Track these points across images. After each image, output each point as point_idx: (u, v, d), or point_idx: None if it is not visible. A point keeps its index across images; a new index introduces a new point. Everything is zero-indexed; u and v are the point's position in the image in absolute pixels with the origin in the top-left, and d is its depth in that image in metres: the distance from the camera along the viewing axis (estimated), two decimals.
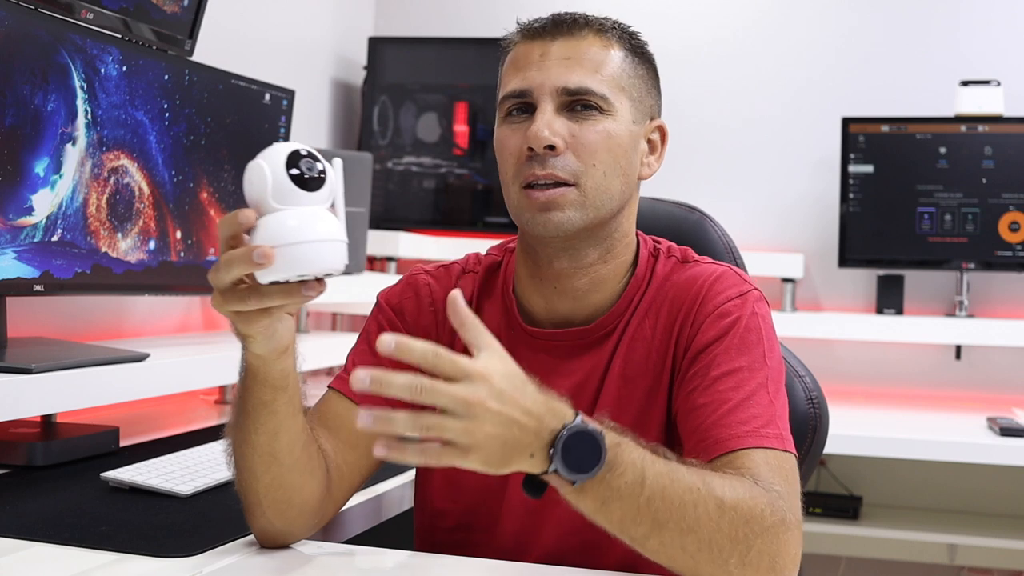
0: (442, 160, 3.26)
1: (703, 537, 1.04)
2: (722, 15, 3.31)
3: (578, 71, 1.24)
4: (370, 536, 1.55)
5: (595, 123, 1.24)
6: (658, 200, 1.62)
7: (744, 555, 1.05)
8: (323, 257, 1.02)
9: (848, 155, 3.07)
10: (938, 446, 2.59)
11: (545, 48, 1.26)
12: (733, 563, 1.05)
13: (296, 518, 1.21)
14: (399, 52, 3.31)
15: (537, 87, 1.24)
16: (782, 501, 1.09)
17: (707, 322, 1.25)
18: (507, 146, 1.26)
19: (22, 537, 1.26)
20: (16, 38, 1.61)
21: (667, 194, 1.66)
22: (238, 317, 1.05)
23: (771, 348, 1.25)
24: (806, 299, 3.21)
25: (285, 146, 1.04)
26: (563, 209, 1.23)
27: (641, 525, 1.04)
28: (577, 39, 1.26)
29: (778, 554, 1.07)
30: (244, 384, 1.13)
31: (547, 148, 1.22)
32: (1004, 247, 2.98)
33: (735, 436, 1.16)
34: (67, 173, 1.73)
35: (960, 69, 3.10)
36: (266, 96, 2.24)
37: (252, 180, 1.03)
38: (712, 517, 1.04)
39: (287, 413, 1.14)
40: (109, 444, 1.77)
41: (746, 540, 1.05)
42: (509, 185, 1.27)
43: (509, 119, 1.27)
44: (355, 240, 2.60)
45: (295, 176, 1.02)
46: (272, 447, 1.14)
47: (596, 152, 1.24)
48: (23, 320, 1.90)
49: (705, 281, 1.28)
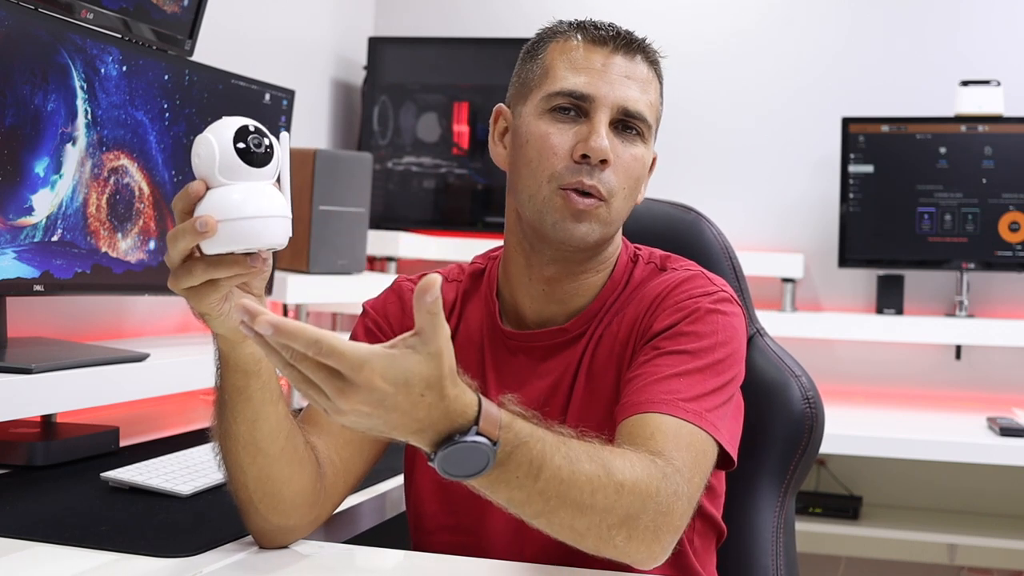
0: (442, 160, 3.26)
1: (595, 519, 1.05)
2: (722, 15, 3.31)
3: (636, 93, 1.27)
4: (370, 536, 1.55)
5: (635, 147, 1.28)
6: (655, 200, 1.62)
7: (632, 530, 1.06)
8: (268, 231, 1.05)
9: (848, 155, 3.07)
10: (938, 446, 2.59)
11: (607, 59, 1.27)
12: (620, 539, 1.06)
13: (289, 512, 1.21)
14: (399, 52, 3.31)
15: (601, 97, 1.26)
16: (678, 476, 1.10)
17: (665, 312, 1.27)
18: (552, 143, 1.26)
19: (22, 537, 1.26)
20: (16, 38, 1.61)
21: (668, 194, 1.66)
22: (190, 294, 1.07)
23: (724, 343, 1.25)
24: (806, 299, 3.21)
25: (233, 120, 1.06)
26: (591, 222, 1.26)
27: (530, 507, 1.03)
28: (634, 62, 1.29)
29: (663, 525, 1.08)
30: (219, 373, 1.15)
31: (601, 161, 1.24)
32: (1004, 247, 2.98)
33: (652, 401, 1.17)
34: (67, 173, 1.73)
35: (960, 69, 3.09)
36: (266, 96, 2.24)
37: (200, 154, 1.06)
38: (610, 500, 1.04)
39: (263, 400, 1.15)
40: (109, 444, 1.77)
41: (637, 516, 1.06)
42: (542, 182, 1.26)
43: (556, 115, 1.27)
44: (355, 240, 2.60)
45: (242, 151, 1.04)
46: (253, 436, 1.15)
47: (629, 175, 1.28)
48: (23, 320, 1.90)
49: (673, 281, 1.31)
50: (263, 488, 1.18)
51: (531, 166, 1.27)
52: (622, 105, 1.26)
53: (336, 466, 1.26)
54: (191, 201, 1.05)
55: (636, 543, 1.07)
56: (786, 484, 1.51)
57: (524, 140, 1.28)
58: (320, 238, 2.48)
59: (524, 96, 1.31)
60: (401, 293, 1.39)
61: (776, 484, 1.50)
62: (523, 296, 1.34)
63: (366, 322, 1.38)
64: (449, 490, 1.32)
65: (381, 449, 1.33)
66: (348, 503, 1.34)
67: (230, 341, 1.12)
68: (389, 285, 1.42)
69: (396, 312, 1.37)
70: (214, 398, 1.18)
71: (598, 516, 1.04)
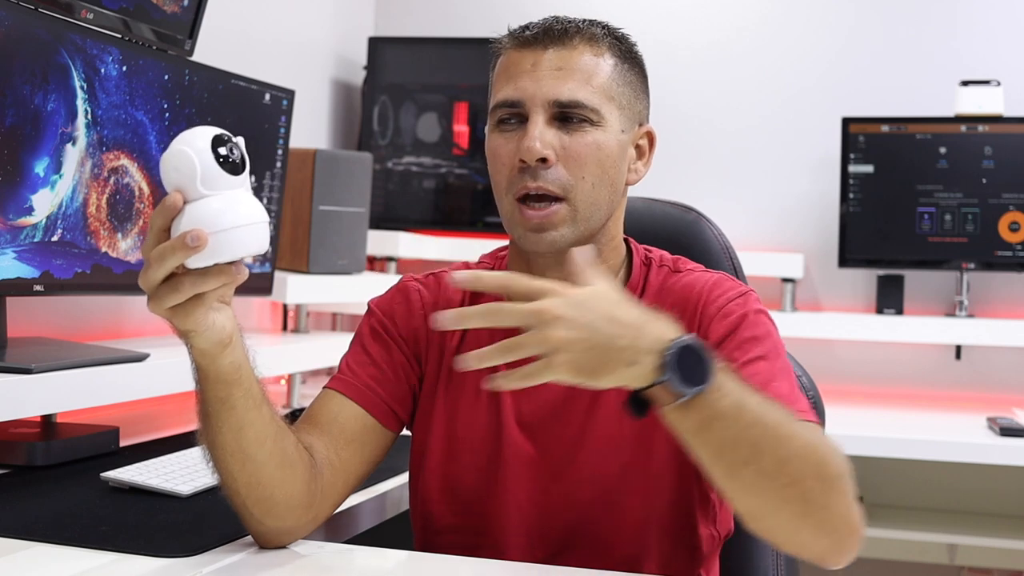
0: (442, 160, 3.26)
1: (794, 472, 1.04)
2: (722, 15, 3.31)
3: (570, 83, 1.25)
4: (370, 536, 1.55)
5: (585, 134, 1.25)
6: (654, 200, 1.62)
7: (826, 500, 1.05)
8: (254, 239, 1.05)
9: (848, 155, 3.07)
10: (938, 446, 2.59)
11: (537, 57, 1.27)
12: (818, 506, 1.05)
13: (285, 515, 1.20)
14: (399, 52, 3.31)
15: (529, 98, 1.25)
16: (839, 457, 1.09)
17: (713, 323, 1.26)
18: (499, 155, 1.28)
19: (22, 537, 1.26)
20: (16, 38, 1.61)
21: (668, 194, 1.66)
22: (175, 313, 1.06)
23: (777, 337, 1.27)
24: (806, 299, 3.21)
25: (204, 131, 1.05)
26: (556, 228, 1.25)
27: (740, 449, 1.04)
28: (568, 49, 1.27)
29: (851, 503, 1.07)
30: (199, 387, 1.14)
31: (539, 161, 1.23)
32: (1004, 247, 2.98)
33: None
34: (67, 173, 1.73)
35: (960, 69, 3.09)
36: (266, 96, 2.24)
37: (179, 167, 1.04)
38: (800, 454, 1.04)
39: (247, 407, 1.14)
40: (109, 444, 1.77)
41: (827, 482, 1.05)
42: (502, 195, 1.28)
43: (501, 127, 1.29)
44: (355, 240, 2.60)
45: (222, 161, 1.04)
46: (240, 443, 1.14)
47: (586, 164, 1.25)
48: (23, 320, 1.90)
49: (704, 287, 1.30)
50: (255, 493, 1.17)
51: (493, 181, 1.30)
52: (553, 99, 1.25)
53: (336, 467, 1.25)
54: (171, 216, 1.03)
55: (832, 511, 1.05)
56: None
57: (488, 157, 1.31)
58: (320, 238, 2.48)
59: (487, 113, 1.33)
60: (407, 293, 1.38)
61: None
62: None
63: (371, 321, 1.37)
64: (457, 490, 1.32)
65: (382, 449, 1.32)
66: (348, 503, 1.34)
67: (210, 354, 1.10)
68: (395, 284, 1.41)
69: (403, 312, 1.36)
70: (197, 409, 1.17)
71: (795, 469, 1.04)
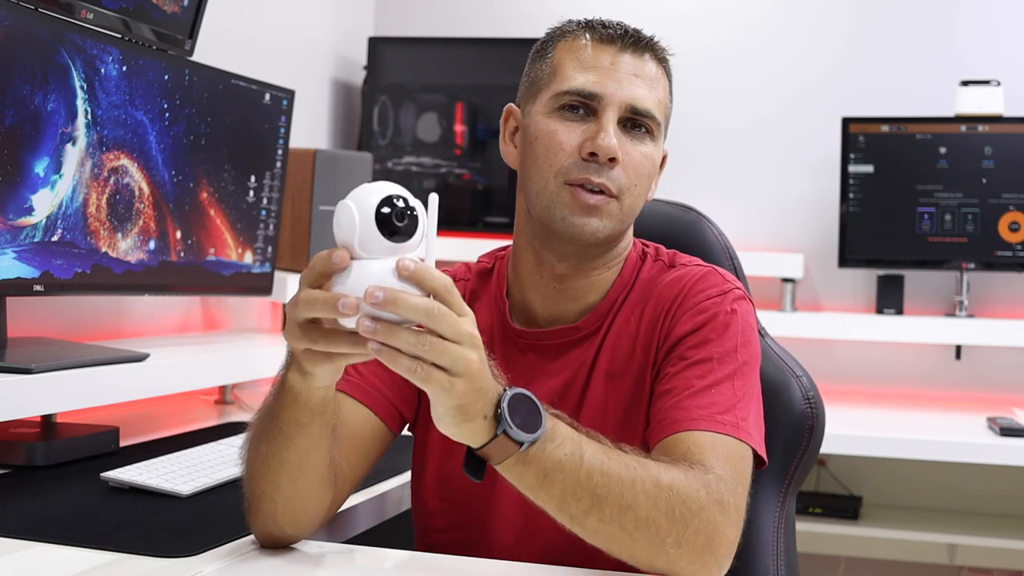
0: (442, 160, 3.26)
1: (641, 515, 1.06)
2: (723, 16, 3.31)
3: (645, 91, 1.28)
4: (370, 536, 1.55)
5: (643, 144, 1.29)
6: (655, 200, 1.62)
7: (681, 534, 1.07)
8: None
9: (848, 155, 3.07)
10: (938, 446, 2.59)
11: (614, 57, 1.28)
12: (670, 542, 1.07)
13: (307, 526, 1.22)
14: (399, 52, 3.31)
15: (609, 95, 1.26)
16: (721, 484, 1.11)
17: (684, 316, 1.28)
18: (559, 140, 1.27)
19: (22, 537, 1.26)
20: (16, 38, 1.61)
21: (668, 194, 1.65)
22: (304, 353, 1.03)
23: (745, 344, 1.26)
24: (806, 299, 3.21)
25: (378, 188, 1.00)
26: (601, 217, 1.26)
27: (582, 500, 1.06)
28: (641, 58, 1.30)
29: (714, 534, 1.08)
30: (281, 404, 1.11)
31: (610, 159, 1.25)
32: (1004, 247, 2.98)
33: (689, 418, 1.18)
34: (67, 173, 1.73)
35: (960, 69, 3.09)
36: (266, 96, 2.24)
37: (341, 223, 1.00)
38: (650, 495, 1.06)
39: (321, 434, 1.14)
40: (109, 444, 1.77)
41: (683, 519, 1.07)
42: (549, 178, 1.27)
43: (564, 113, 1.28)
44: None
45: (384, 225, 0.98)
46: (301, 464, 1.14)
47: (640, 173, 1.29)
48: (23, 320, 1.90)
49: (688, 281, 1.31)
50: (293, 505, 1.17)
51: (539, 162, 1.28)
52: (630, 103, 1.27)
53: (344, 473, 1.26)
54: (333, 271, 0.99)
55: (687, 551, 1.07)
56: (787, 484, 1.51)
57: (533, 138, 1.30)
58: (320, 238, 2.48)
59: (533, 95, 1.32)
60: None
61: (777, 484, 1.50)
62: (533, 294, 1.34)
63: None
64: (453, 487, 1.32)
65: (384, 450, 1.34)
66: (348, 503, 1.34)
67: (312, 388, 1.08)
68: None
69: None
70: (264, 418, 1.15)
71: (644, 512, 1.06)
